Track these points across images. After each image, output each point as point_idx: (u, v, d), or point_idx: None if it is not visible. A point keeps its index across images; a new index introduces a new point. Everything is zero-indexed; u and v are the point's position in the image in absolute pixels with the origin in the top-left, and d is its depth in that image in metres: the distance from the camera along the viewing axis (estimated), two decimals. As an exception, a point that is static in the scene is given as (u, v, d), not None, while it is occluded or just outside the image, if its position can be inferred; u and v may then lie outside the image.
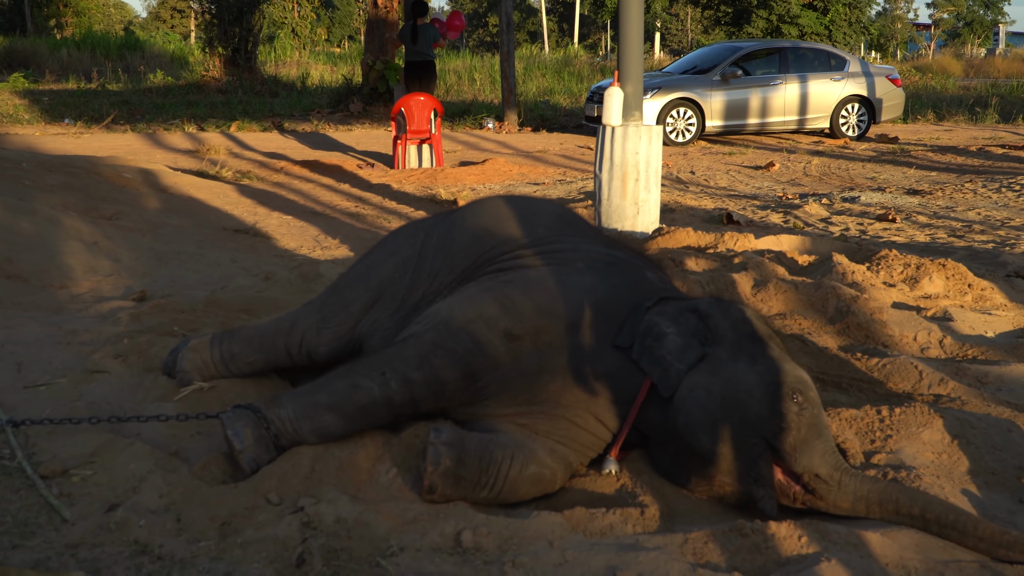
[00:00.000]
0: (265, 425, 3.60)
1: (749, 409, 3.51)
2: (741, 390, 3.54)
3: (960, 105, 27.12)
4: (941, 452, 3.86)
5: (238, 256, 7.88)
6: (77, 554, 3.05)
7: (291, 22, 46.65)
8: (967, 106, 26.89)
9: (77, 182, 9.41)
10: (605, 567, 3.06)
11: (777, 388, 3.52)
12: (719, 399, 3.54)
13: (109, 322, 5.36)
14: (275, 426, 3.60)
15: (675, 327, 3.69)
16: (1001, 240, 9.52)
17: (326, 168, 14.36)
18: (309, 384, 3.80)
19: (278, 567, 3.02)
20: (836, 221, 10.70)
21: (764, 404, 3.50)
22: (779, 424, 3.47)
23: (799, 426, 3.46)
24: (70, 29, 47.71)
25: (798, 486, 3.46)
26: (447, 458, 3.39)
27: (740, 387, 3.55)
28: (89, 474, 3.55)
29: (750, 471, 3.48)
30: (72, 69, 31.17)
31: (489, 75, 31.37)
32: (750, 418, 3.50)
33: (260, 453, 3.57)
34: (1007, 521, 3.49)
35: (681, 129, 19.39)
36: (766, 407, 3.49)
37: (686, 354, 3.64)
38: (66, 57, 33.59)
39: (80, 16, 51.11)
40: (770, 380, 3.54)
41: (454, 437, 3.46)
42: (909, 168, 16.07)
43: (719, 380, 3.58)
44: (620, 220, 8.61)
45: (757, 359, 3.61)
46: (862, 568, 3.07)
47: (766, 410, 3.49)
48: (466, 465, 3.43)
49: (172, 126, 19.52)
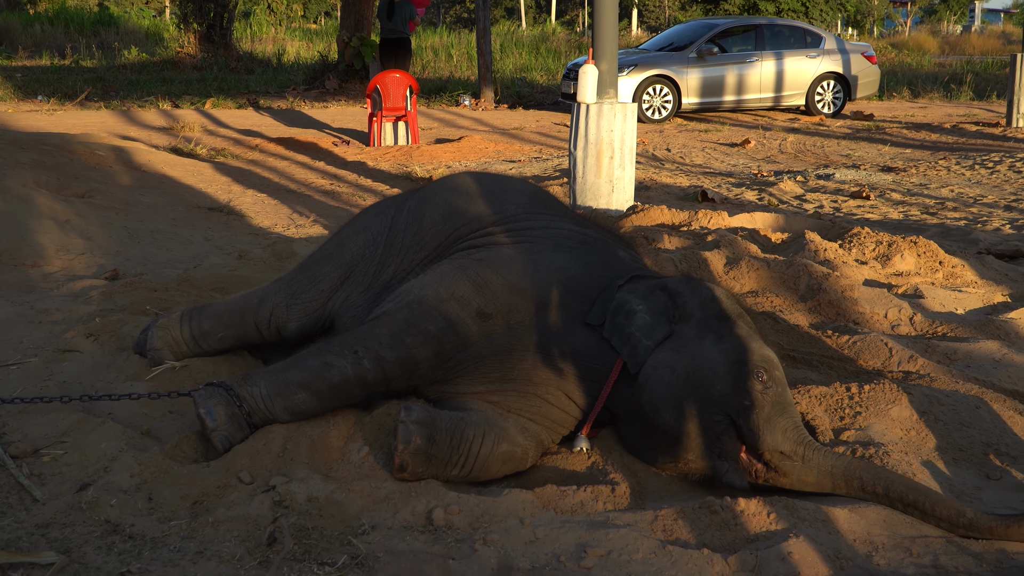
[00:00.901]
0: (237, 403, 3.60)
1: (713, 387, 3.54)
2: (705, 368, 3.57)
3: (935, 82, 27.18)
4: (909, 429, 3.89)
5: (212, 234, 7.87)
6: (48, 534, 3.05)
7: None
8: (942, 83, 26.94)
9: (49, 159, 9.35)
10: (576, 544, 3.08)
11: (742, 366, 3.55)
12: (683, 376, 3.57)
13: (81, 301, 5.35)
14: (247, 404, 3.60)
15: (645, 305, 3.71)
16: (973, 217, 9.57)
17: (301, 146, 14.32)
18: (281, 362, 3.80)
19: (250, 546, 3.03)
20: (810, 198, 10.73)
21: (728, 382, 3.53)
22: (743, 402, 3.50)
23: (763, 404, 3.48)
24: (43, 4, 47.28)
25: (759, 463, 3.49)
26: (417, 436, 3.41)
27: (704, 365, 3.58)
28: (60, 454, 3.55)
29: (714, 447, 3.51)
30: (45, 45, 30.96)
31: (465, 52, 31.28)
32: (714, 395, 3.53)
33: (233, 431, 3.58)
34: (974, 497, 3.52)
35: (657, 106, 19.39)
36: (730, 385, 3.52)
37: (654, 331, 3.67)
38: (39, 33, 33.33)
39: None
40: (735, 358, 3.57)
41: (425, 415, 3.47)
42: (884, 145, 16.11)
43: (684, 357, 3.61)
44: (595, 198, 8.62)
45: (723, 337, 3.64)
46: (830, 544, 3.10)
47: (730, 388, 3.52)
48: (437, 443, 3.44)
49: (146, 103, 19.41)
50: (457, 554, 3.04)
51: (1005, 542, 3.16)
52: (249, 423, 3.61)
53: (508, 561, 3.02)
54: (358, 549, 3.03)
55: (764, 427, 3.46)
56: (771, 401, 3.49)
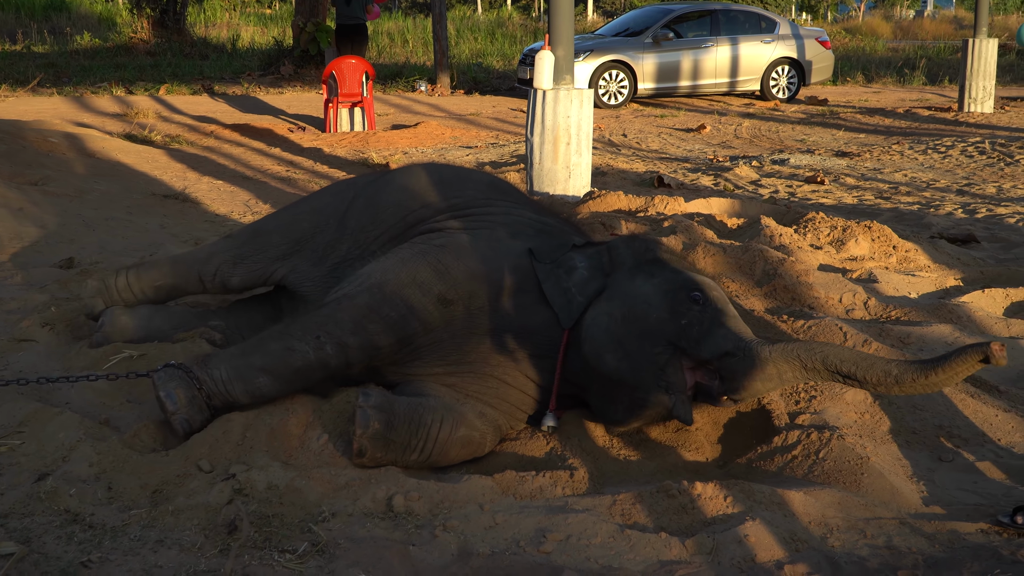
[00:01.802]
0: (197, 386, 3.60)
1: (648, 318, 3.61)
2: (639, 303, 3.65)
3: (888, 67, 27.33)
4: (864, 412, 3.94)
5: (167, 222, 7.82)
6: (7, 524, 3.04)
7: (220, -17, 46.03)
8: (895, 68, 27.10)
9: (1, 147, 9.27)
10: (535, 529, 3.11)
11: (676, 292, 3.63)
12: (619, 318, 3.65)
13: (36, 290, 5.32)
14: (207, 387, 3.61)
15: (585, 262, 3.82)
16: (926, 202, 9.64)
17: (257, 132, 14.24)
18: (242, 344, 3.83)
19: (209, 534, 3.03)
20: (766, 183, 10.78)
21: (664, 309, 3.60)
22: (680, 323, 3.56)
23: (701, 320, 3.56)
24: (-7, -10, 46.82)
25: (716, 380, 3.55)
26: (376, 421, 3.43)
27: (638, 300, 3.66)
28: (18, 444, 3.53)
29: (659, 380, 3.56)
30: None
31: (422, 37, 31.16)
32: (651, 326, 3.59)
33: (192, 414, 3.58)
34: (927, 479, 3.57)
35: (613, 92, 19.41)
36: (666, 311, 3.59)
37: (587, 286, 3.77)
38: (-11, 19, 32.97)
39: (4, -23, 50.17)
40: (668, 288, 3.65)
41: (383, 401, 3.49)
42: (838, 130, 16.20)
43: (617, 300, 3.69)
44: (552, 184, 8.63)
45: (655, 274, 3.73)
46: (785, 527, 3.14)
47: (666, 314, 3.59)
48: (395, 428, 3.47)
49: (100, 89, 19.24)
50: (417, 540, 3.06)
51: (957, 522, 3.21)
52: (209, 405, 3.63)
53: (468, 547, 3.04)
54: (318, 536, 3.05)
55: (706, 337, 3.54)
56: (710, 316, 3.57)
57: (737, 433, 3.93)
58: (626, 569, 2.95)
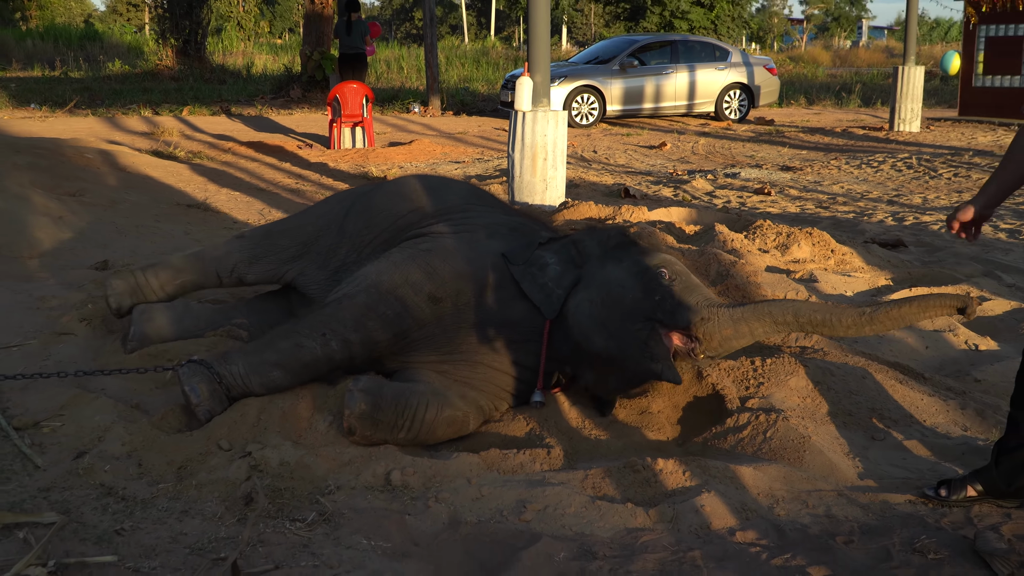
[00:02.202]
0: (217, 380, 3.61)
1: (625, 299, 3.65)
2: (614, 287, 3.69)
3: (828, 91, 27.40)
4: (806, 396, 3.95)
5: (191, 228, 7.80)
6: (49, 496, 3.05)
7: (237, 16, 45.89)
8: (834, 92, 27.17)
9: (43, 162, 9.22)
10: (516, 500, 3.12)
11: (645, 272, 3.67)
12: (600, 303, 3.68)
13: (74, 289, 5.31)
14: (227, 380, 3.62)
15: (556, 258, 3.84)
16: (860, 211, 9.67)
17: (269, 148, 14.19)
18: (255, 343, 3.84)
19: (229, 505, 3.04)
20: (719, 194, 10.79)
21: (637, 289, 3.64)
22: (655, 298, 3.60)
23: (671, 292, 3.60)
24: (34, 21, 46.58)
25: (693, 342, 3.58)
26: (362, 403, 3.46)
27: (613, 285, 3.69)
28: (58, 425, 3.54)
29: (644, 352, 3.58)
30: (37, 58, 30.45)
31: (415, 64, 31.11)
32: (629, 306, 3.63)
33: (214, 406, 3.60)
34: (861, 455, 3.59)
35: (585, 113, 19.41)
36: (640, 290, 3.64)
37: (563, 279, 3.79)
38: (31, 47, 32.78)
39: (43, 9, 49.90)
40: (637, 270, 3.69)
41: (371, 385, 3.52)
42: (783, 147, 16.22)
43: (595, 288, 3.73)
44: (531, 195, 8.64)
45: (623, 259, 3.76)
46: (737, 498, 3.15)
47: (640, 292, 3.63)
48: (382, 409, 3.49)
49: (129, 110, 19.16)
50: (413, 510, 3.07)
51: (888, 494, 3.23)
52: (228, 397, 3.64)
53: (457, 516, 3.05)
54: (325, 507, 3.05)
55: (680, 306, 3.57)
56: (679, 288, 3.62)
57: (694, 415, 3.94)
58: (597, 535, 2.97)
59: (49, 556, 2.69)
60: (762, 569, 2.77)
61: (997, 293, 5.85)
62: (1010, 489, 3.12)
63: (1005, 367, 4.46)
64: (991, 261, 7.04)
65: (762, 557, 2.84)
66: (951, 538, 2.96)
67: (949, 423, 3.91)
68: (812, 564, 2.79)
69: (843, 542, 2.93)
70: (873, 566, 2.80)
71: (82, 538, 2.81)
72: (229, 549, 2.78)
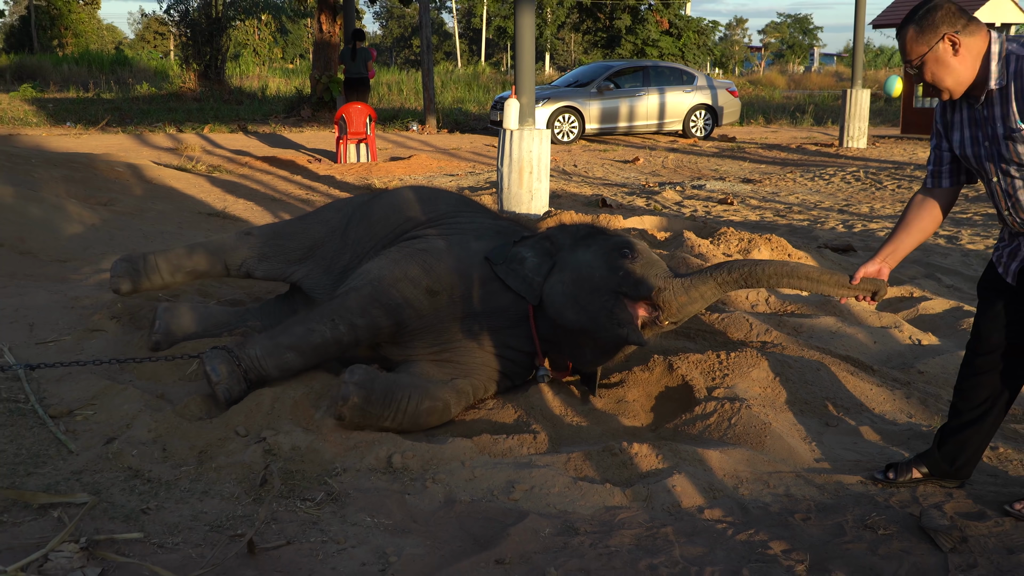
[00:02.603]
0: (236, 362, 3.59)
1: (594, 277, 3.67)
2: (583, 267, 3.71)
3: (784, 111, 27.42)
4: (766, 387, 3.94)
5: (211, 235, 7.76)
6: (81, 479, 3.02)
7: (253, 43, 45.72)
8: (790, 112, 27.19)
9: (77, 174, 9.18)
10: (506, 481, 3.11)
11: (609, 252, 3.69)
12: (571, 282, 3.71)
13: (105, 289, 5.27)
14: (244, 363, 3.60)
15: (532, 251, 3.86)
16: (814, 219, 9.67)
17: (282, 163, 14.14)
18: (270, 331, 3.81)
19: (245, 486, 3.02)
20: (687, 204, 10.78)
21: (603, 267, 3.67)
22: (619, 274, 3.62)
23: (633, 269, 3.61)
24: (70, 47, 46.41)
25: (656, 311, 3.57)
26: (355, 396, 3.44)
27: (582, 266, 3.72)
28: (90, 413, 3.52)
29: (613, 320, 3.59)
30: (72, 81, 30.31)
31: (413, 87, 31.06)
32: (597, 282, 3.66)
33: (232, 385, 3.57)
34: (817, 440, 3.58)
35: (566, 131, 19.39)
36: (606, 268, 3.66)
37: (540, 268, 3.82)
38: (67, 71, 32.63)
39: (78, 37, 49.75)
40: (602, 251, 3.72)
41: (365, 378, 3.50)
42: (744, 162, 16.23)
43: (567, 271, 3.75)
44: (518, 205, 8.62)
45: (591, 244, 3.79)
46: (705, 479, 3.14)
47: (606, 270, 3.65)
48: (372, 402, 3.48)
49: (156, 128, 19.07)
50: (412, 490, 3.06)
51: (841, 475, 3.21)
52: (246, 378, 3.61)
53: (452, 495, 3.04)
54: (332, 487, 3.04)
55: (641, 281, 3.58)
56: (640, 264, 3.63)
57: (666, 404, 3.92)
58: (578, 513, 2.95)
59: (81, 533, 2.66)
60: (728, 544, 2.76)
61: (937, 293, 5.85)
62: (951, 469, 3.11)
63: (945, 360, 4.46)
64: (931, 264, 7.05)
65: (728, 533, 2.82)
66: (899, 515, 2.95)
67: (896, 411, 3.90)
68: (773, 539, 2.77)
69: (801, 519, 2.91)
70: (828, 540, 2.78)
71: (111, 517, 2.78)
72: (246, 526, 2.76)
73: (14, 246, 6.21)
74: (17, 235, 6.35)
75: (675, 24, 37.41)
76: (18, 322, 4.58)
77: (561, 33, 50.21)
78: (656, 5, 37.64)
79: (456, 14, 61.19)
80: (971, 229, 8.84)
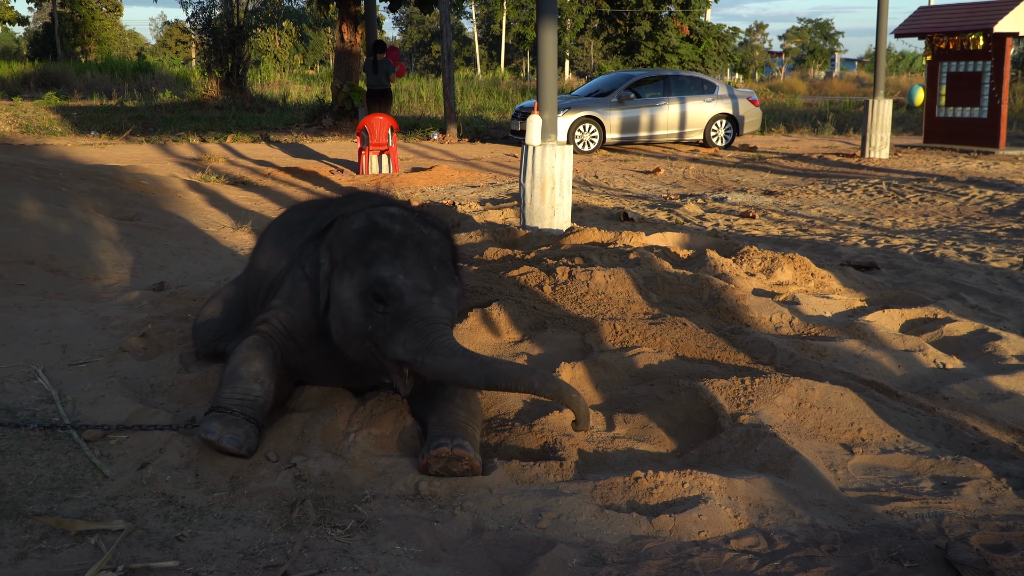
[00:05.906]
0: (228, 412, 3.48)
1: (351, 320, 3.46)
2: (343, 305, 3.49)
3: (805, 119, 27.37)
4: (791, 413, 3.95)
5: (237, 250, 7.83)
6: (116, 504, 3.07)
7: (274, 50, 45.92)
8: (810, 120, 27.13)
9: (104, 188, 9.28)
10: (533, 509, 3.13)
11: (363, 293, 3.43)
12: (337, 317, 3.54)
13: (135, 309, 5.34)
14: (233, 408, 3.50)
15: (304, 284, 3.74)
16: (837, 233, 9.67)
17: (305, 174, 14.23)
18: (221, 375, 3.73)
19: (277, 512, 3.06)
20: (709, 217, 10.80)
21: (359, 311, 3.45)
22: (367, 327, 3.42)
23: (384, 324, 3.39)
24: (93, 55, 46.76)
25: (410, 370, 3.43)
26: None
27: (342, 303, 3.49)
28: (124, 438, 3.56)
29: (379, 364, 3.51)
30: (95, 88, 30.59)
31: (433, 95, 31.17)
32: (354, 327, 3.47)
33: (235, 432, 3.43)
34: (842, 468, 3.58)
35: (587, 141, 19.45)
36: (361, 313, 3.44)
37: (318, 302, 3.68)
38: (90, 78, 32.92)
39: (101, 44, 50.14)
40: (358, 290, 3.45)
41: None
42: (765, 172, 16.22)
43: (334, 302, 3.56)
44: (540, 220, 8.67)
45: (351, 274, 3.50)
46: (730, 507, 3.15)
47: (362, 316, 3.43)
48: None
49: (179, 138, 19.22)
50: (440, 518, 3.08)
51: (867, 505, 3.23)
52: (245, 418, 3.48)
53: (480, 523, 3.06)
54: (362, 515, 3.06)
55: (388, 343, 3.39)
56: (391, 319, 3.39)
57: (690, 430, 3.94)
58: (605, 542, 2.97)
59: (118, 561, 2.71)
60: (755, 575, 2.78)
61: (962, 314, 5.85)
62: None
63: (970, 385, 4.46)
64: (956, 283, 7.04)
65: (754, 564, 2.85)
66: (925, 547, 2.96)
67: (920, 438, 3.91)
68: (799, 571, 2.80)
69: (827, 550, 2.93)
70: (855, 573, 2.81)
71: (147, 544, 2.82)
72: (278, 555, 2.80)
73: (45, 264, 6.29)
74: (48, 253, 6.43)
75: (695, 30, 37.41)
76: (51, 343, 4.65)
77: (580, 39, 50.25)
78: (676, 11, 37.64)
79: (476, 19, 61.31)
80: (995, 246, 8.81)
